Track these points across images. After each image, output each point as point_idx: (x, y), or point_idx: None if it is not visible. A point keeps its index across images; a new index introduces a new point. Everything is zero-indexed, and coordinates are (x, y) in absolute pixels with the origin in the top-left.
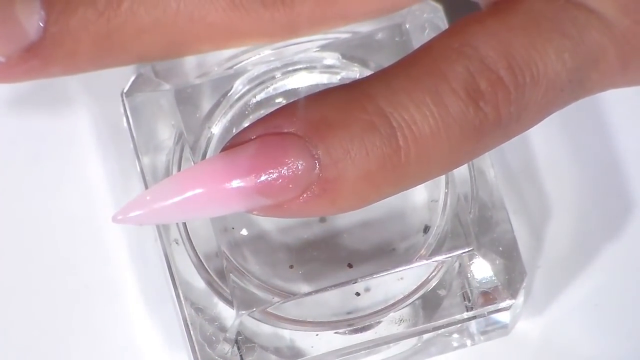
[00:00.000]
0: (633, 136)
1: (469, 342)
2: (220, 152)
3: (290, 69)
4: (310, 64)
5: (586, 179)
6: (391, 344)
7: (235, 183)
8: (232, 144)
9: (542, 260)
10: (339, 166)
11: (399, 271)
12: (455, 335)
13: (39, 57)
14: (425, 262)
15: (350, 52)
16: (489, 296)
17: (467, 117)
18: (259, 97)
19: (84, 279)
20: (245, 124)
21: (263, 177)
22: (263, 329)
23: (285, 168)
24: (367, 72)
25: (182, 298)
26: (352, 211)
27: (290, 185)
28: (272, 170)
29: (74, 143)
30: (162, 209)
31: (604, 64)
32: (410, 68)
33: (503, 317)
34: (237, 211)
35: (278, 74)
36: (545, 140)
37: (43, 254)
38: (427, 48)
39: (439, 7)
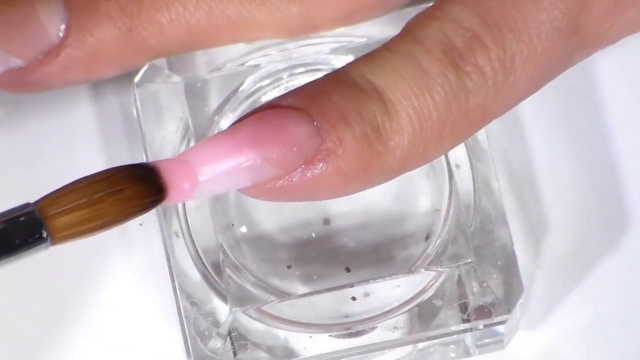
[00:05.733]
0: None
1: (464, 354)
2: None
3: (302, 70)
4: (322, 65)
5: (587, 187)
6: (385, 351)
7: (239, 152)
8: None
9: (541, 272)
10: (339, 129)
11: (396, 279)
12: (451, 347)
13: (61, 59)
14: (422, 271)
15: None
16: (485, 310)
17: (449, 77)
18: (269, 96)
19: (86, 267)
20: None
21: (265, 141)
22: (257, 327)
23: (286, 133)
24: None
25: (178, 291)
26: (358, 190)
27: (294, 148)
28: (273, 135)
29: (82, 129)
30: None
31: (596, 3)
32: (390, 42)
33: (499, 331)
34: (243, 185)
35: (290, 74)
36: (547, 147)
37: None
38: (406, 25)
39: None
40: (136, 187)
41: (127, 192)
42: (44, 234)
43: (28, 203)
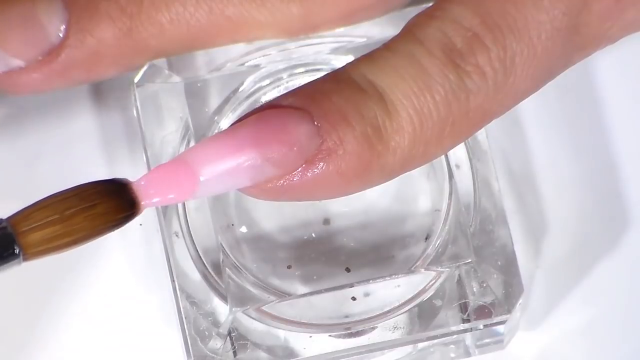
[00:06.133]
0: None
1: (464, 354)
2: None
3: (302, 70)
4: (322, 65)
5: (587, 187)
6: (385, 351)
7: (240, 152)
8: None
9: (541, 272)
10: (339, 129)
11: (396, 279)
12: (451, 347)
13: (61, 60)
14: (422, 271)
15: None
16: (485, 310)
17: (449, 77)
18: (269, 96)
19: (87, 267)
20: None
21: (265, 141)
22: (257, 327)
23: (286, 133)
24: None
25: (178, 291)
26: (358, 190)
27: (295, 148)
28: (273, 134)
29: (82, 130)
30: (169, 197)
31: (597, 3)
32: (390, 42)
33: (499, 331)
34: (244, 184)
35: (290, 74)
36: (547, 147)
37: None
38: (406, 24)
39: None
40: (109, 203)
41: (99, 207)
42: (17, 250)
43: (1, 219)
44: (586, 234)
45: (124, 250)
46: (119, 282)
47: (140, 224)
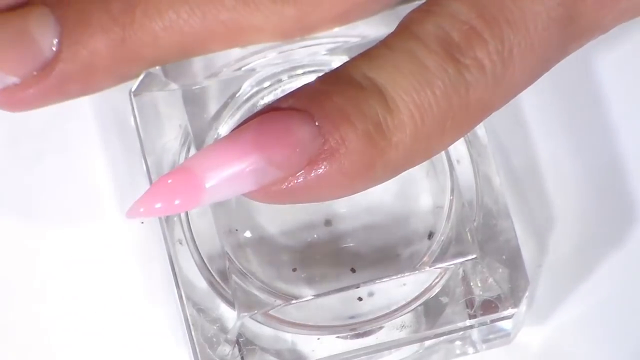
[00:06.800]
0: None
1: (471, 349)
2: None
3: (299, 72)
4: (318, 67)
5: (590, 181)
6: (392, 350)
7: (244, 157)
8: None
9: (546, 267)
10: (341, 129)
11: (402, 277)
12: (458, 343)
13: (56, 74)
14: (428, 269)
15: None
16: (491, 304)
17: (448, 71)
18: (267, 99)
19: (89, 278)
20: None
21: (268, 144)
22: (264, 331)
23: (288, 135)
24: None
25: (184, 298)
26: (363, 188)
27: (298, 150)
28: (276, 137)
29: (80, 140)
30: (176, 206)
31: None
32: (387, 39)
33: (505, 325)
34: (248, 189)
35: (286, 77)
36: (548, 142)
37: (48, 251)
38: (402, 20)
39: None
40: None
41: None
42: None
43: None
44: (590, 229)
45: (128, 257)
46: (124, 291)
47: (142, 223)
